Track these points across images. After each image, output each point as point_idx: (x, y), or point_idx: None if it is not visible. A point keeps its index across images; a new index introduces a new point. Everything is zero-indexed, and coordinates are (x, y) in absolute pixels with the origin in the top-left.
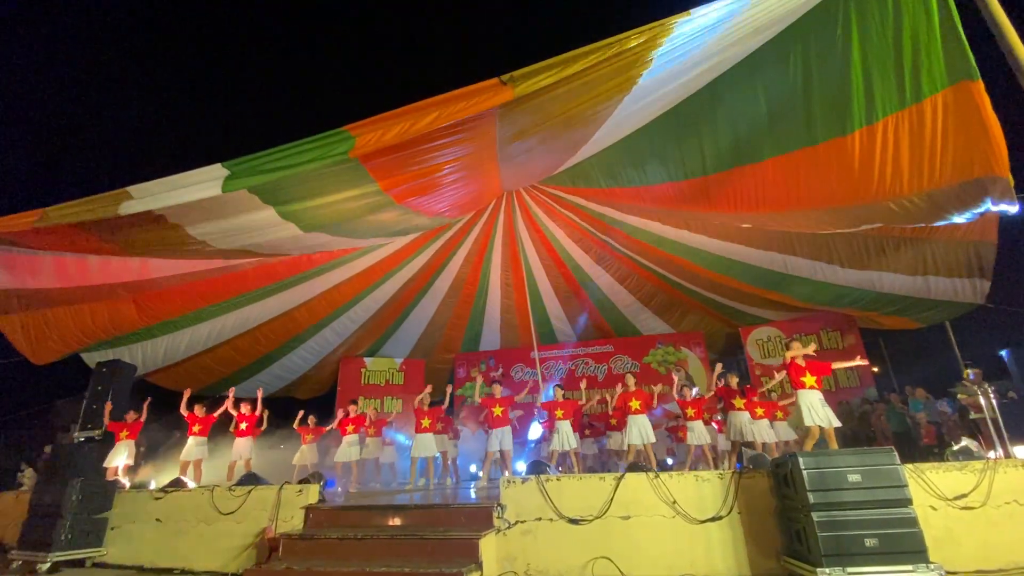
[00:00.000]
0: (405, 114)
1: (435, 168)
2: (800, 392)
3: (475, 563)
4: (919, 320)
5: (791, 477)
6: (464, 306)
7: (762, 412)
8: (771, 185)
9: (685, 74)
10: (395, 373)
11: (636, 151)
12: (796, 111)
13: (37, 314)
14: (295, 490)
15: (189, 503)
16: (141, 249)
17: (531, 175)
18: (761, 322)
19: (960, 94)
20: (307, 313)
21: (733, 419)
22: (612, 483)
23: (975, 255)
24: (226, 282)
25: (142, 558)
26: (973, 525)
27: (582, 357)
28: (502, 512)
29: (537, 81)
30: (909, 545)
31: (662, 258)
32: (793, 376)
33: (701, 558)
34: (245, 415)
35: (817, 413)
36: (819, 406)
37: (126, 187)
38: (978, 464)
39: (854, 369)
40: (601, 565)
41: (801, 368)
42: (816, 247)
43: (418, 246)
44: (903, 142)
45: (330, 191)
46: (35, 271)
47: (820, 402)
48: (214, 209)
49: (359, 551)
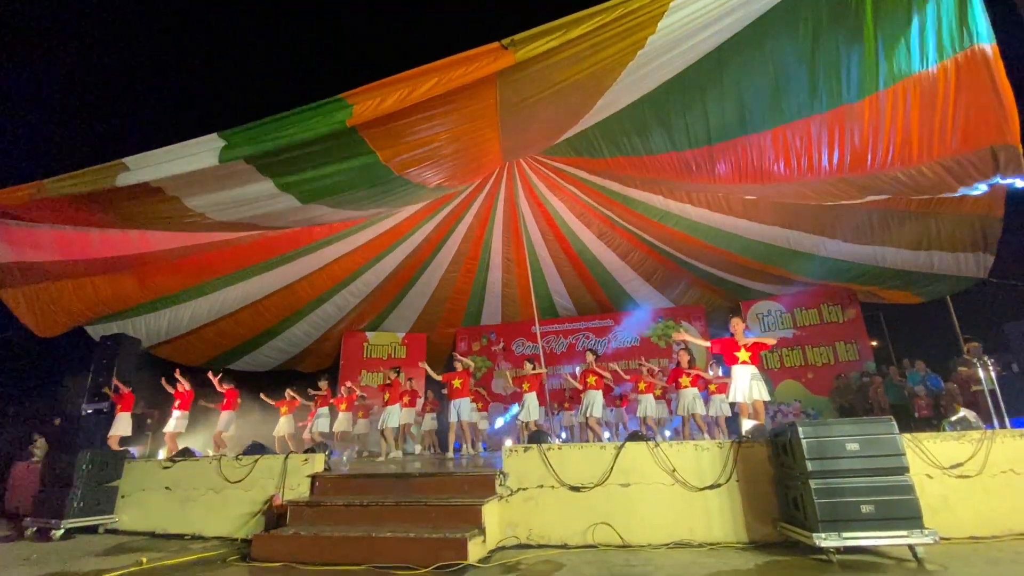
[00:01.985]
0: (403, 81)
1: (434, 137)
2: (732, 368)
3: (478, 528)
4: (920, 294)
5: (790, 446)
6: (465, 281)
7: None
8: (777, 154)
9: (692, 37)
10: (397, 347)
11: (640, 119)
12: (804, 77)
13: (40, 287)
14: (301, 459)
15: (197, 472)
16: (140, 222)
17: (533, 144)
18: (762, 296)
19: (973, 59)
20: (308, 287)
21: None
22: (612, 452)
23: (980, 229)
24: (226, 256)
25: (153, 524)
26: (969, 493)
27: (583, 331)
28: (504, 480)
29: (540, 45)
30: (905, 511)
31: (664, 233)
32: (725, 354)
33: (700, 524)
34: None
35: (743, 389)
36: (748, 380)
37: (122, 158)
38: (975, 434)
39: (853, 343)
40: (601, 530)
41: (735, 344)
42: (820, 221)
43: (418, 220)
44: (914, 109)
45: (328, 162)
46: (36, 244)
47: (752, 376)
48: (212, 180)
49: (365, 517)
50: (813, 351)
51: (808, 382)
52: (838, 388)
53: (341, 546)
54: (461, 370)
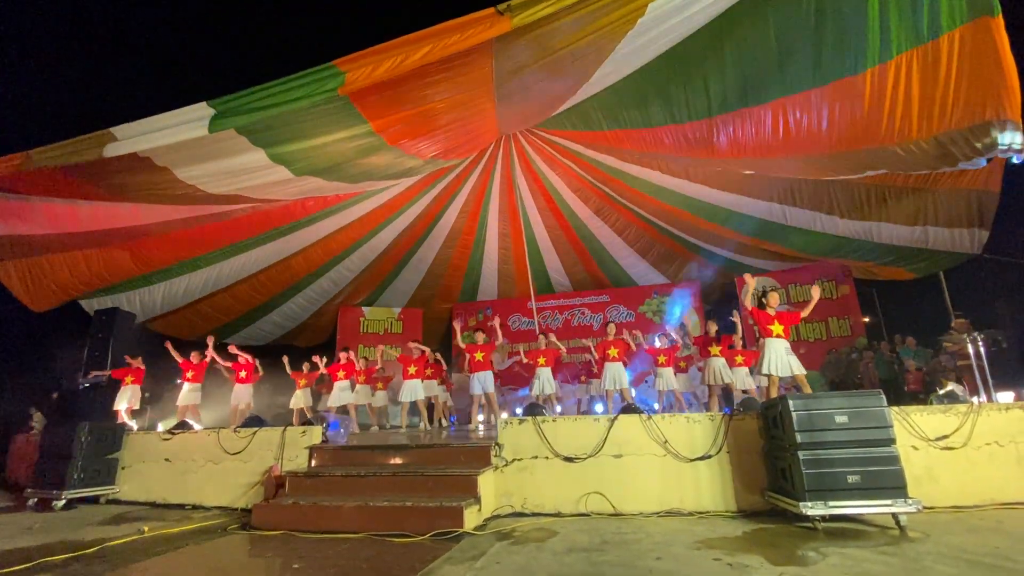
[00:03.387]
0: (396, 47)
1: (428, 107)
2: (766, 340)
3: (474, 497)
4: (914, 270)
5: (780, 418)
6: (461, 256)
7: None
8: (777, 127)
9: (692, 5)
10: (393, 322)
11: (639, 91)
12: (807, 48)
13: (31, 261)
14: (299, 431)
15: (196, 444)
16: (131, 194)
17: (529, 116)
18: (756, 272)
19: (978, 30)
20: (304, 261)
21: (710, 364)
22: (606, 424)
23: (976, 204)
24: (220, 229)
25: (154, 495)
26: (953, 464)
27: (578, 307)
28: (499, 451)
29: (537, 11)
30: (890, 481)
31: (661, 209)
32: (761, 325)
33: (690, 493)
34: (243, 364)
35: (778, 362)
36: (783, 354)
37: (109, 128)
38: (962, 407)
39: (846, 319)
40: (594, 499)
41: (770, 317)
42: (816, 197)
43: (413, 195)
44: (915, 81)
45: (321, 132)
46: (25, 217)
47: (785, 350)
48: (202, 151)
49: (362, 487)
50: (806, 327)
51: (800, 357)
52: (829, 363)
53: (339, 515)
54: (482, 343)
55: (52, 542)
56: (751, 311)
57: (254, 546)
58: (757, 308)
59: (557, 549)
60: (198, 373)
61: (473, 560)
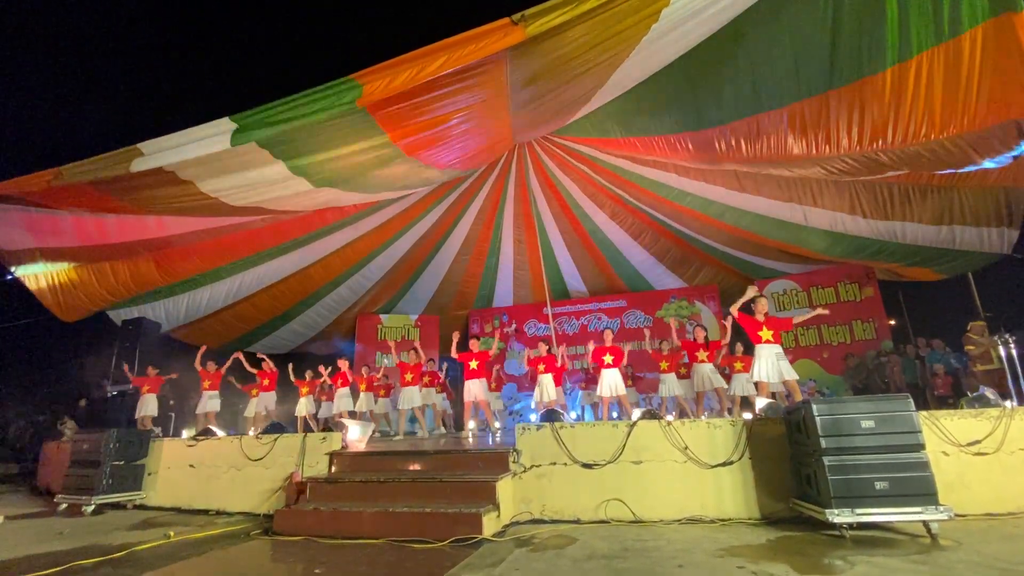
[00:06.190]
0: (413, 59)
1: (445, 118)
2: (756, 347)
3: (492, 504)
4: (941, 271)
5: (804, 424)
6: (477, 263)
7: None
8: (794, 131)
9: (706, 10)
10: (411, 329)
11: (652, 98)
12: (824, 49)
13: (63, 273)
14: (319, 438)
15: (220, 450)
16: (157, 207)
17: (543, 125)
18: (777, 275)
19: (1001, 27)
20: (323, 270)
21: (697, 370)
22: (624, 430)
23: (1005, 203)
24: (241, 240)
25: (179, 500)
26: (985, 470)
27: (595, 312)
28: (517, 457)
29: (551, 19)
30: (919, 488)
31: (677, 211)
32: (749, 331)
33: (711, 500)
34: (266, 372)
35: (769, 368)
36: (774, 360)
37: (136, 144)
38: (994, 411)
39: (871, 322)
40: (614, 506)
41: (758, 323)
42: (838, 197)
43: (429, 203)
44: (936, 80)
45: (339, 144)
46: (56, 231)
47: (776, 356)
48: (225, 164)
49: (382, 493)
50: (829, 330)
51: (823, 361)
52: (849, 368)
53: (359, 521)
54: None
55: (82, 546)
56: (738, 317)
57: (276, 551)
58: (743, 314)
59: (577, 556)
60: (215, 382)
61: (492, 567)
